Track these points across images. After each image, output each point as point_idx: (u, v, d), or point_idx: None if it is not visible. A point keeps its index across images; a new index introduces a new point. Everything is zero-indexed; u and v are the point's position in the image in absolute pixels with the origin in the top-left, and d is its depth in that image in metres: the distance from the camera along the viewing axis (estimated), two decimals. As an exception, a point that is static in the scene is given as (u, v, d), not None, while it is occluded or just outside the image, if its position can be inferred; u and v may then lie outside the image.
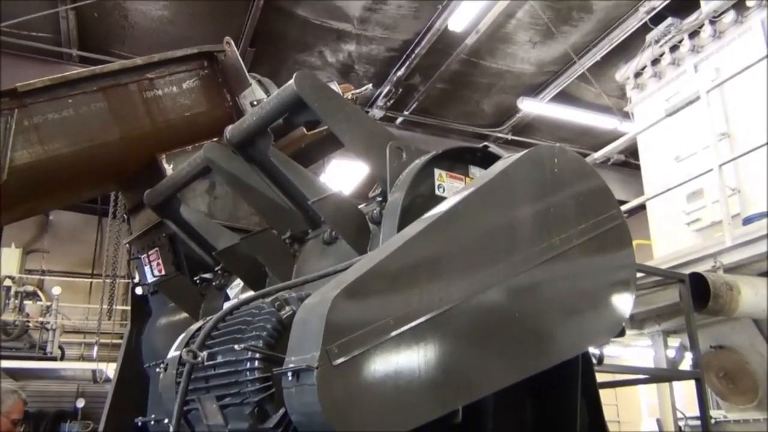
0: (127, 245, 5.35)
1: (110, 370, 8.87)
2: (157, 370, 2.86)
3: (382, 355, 2.16)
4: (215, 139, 4.38)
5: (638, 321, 7.53)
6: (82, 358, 13.48)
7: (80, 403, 11.75)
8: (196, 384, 2.50)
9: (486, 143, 3.30)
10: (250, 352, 2.26)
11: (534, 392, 3.17)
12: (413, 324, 2.27)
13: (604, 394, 3.32)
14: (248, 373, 2.27)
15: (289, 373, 2.06)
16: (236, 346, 2.28)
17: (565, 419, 3.05)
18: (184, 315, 4.27)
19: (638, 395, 13.92)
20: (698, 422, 7.71)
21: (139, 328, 4.92)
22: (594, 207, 3.03)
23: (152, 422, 4.29)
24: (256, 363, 2.25)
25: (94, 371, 10.60)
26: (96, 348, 10.72)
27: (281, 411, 2.19)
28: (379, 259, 2.31)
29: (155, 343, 4.59)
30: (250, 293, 2.68)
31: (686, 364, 7.16)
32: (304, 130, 4.64)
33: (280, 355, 2.24)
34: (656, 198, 7.41)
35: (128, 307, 5.93)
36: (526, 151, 2.91)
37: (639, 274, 3.86)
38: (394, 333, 2.21)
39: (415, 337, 2.28)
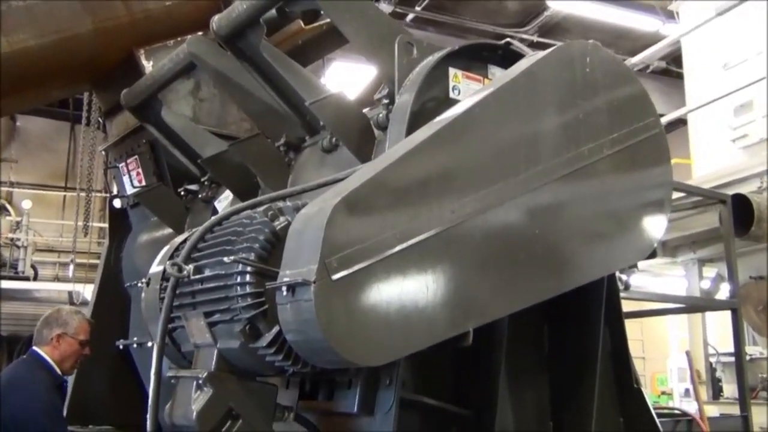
0: (104, 152, 5.36)
1: (87, 291, 9.03)
2: (139, 284, 2.91)
3: (386, 271, 2.19)
4: (200, 33, 4.31)
5: (671, 248, 7.59)
6: (57, 279, 13.72)
7: (56, 327, 11.97)
8: (182, 300, 2.55)
9: (508, 39, 3.23)
10: (240, 265, 2.30)
11: (552, 319, 3.23)
12: (420, 238, 2.28)
13: (629, 328, 3.38)
14: (239, 287, 2.31)
15: (284, 288, 2.10)
16: (225, 259, 2.32)
17: (587, 348, 3.11)
18: (168, 230, 4.31)
19: (666, 331, 14.17)
20: (731, 359, 7.89)
21: (118, 244, 4.98)
22: (629, 114, 3.00)
23: (134, 345, 4.40)
24: (248, 277, 2.29)
25: (70, 293, 10.80)
26: (72, 268, 10.90)
27: (275, 329, 2.24)
28: (384, 167, 2.30)
29: (136, 261, 4.65)
30: (241, 204, 2.69)
31: (722, 297, 7.26)
32: (301, 23, 4.55)
33: (273, 269, 2.27)
34: (699, 110, 7.32)
35: (106, 225, 5.99)
36: (553, 48, 2.86)
37: (675, 194, 3.86)
38: (399, 247, 2.23)
39: (423, 253, 2.30)
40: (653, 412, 3.28)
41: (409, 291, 2.25)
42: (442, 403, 2.71)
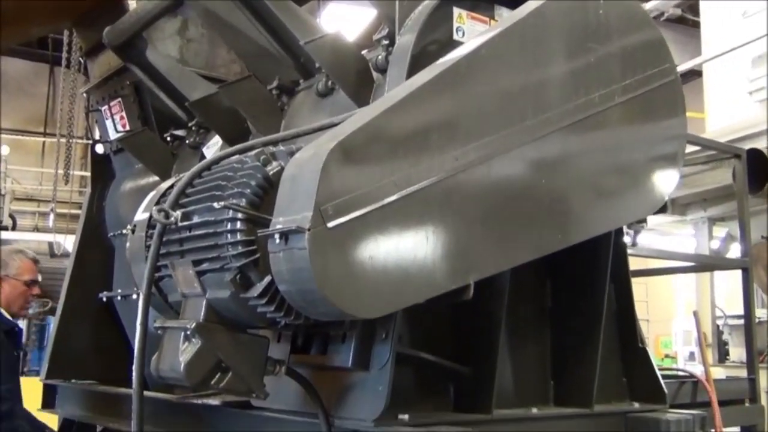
0: (85, 95, 5.30)
1: (69, 242, 9.04)
2: (124, 231, 2.91)
3: (385, 220, 2.19)
4: (189, -33, 4.23)
5: (681, 206, 7.60)
6: (36, 230, 13.73)
7: (36, 280, 12.02)
8: (169, 248, 2.55)
9: (517, -22, 3.18)
10: (231, 211, 2.29)
11: (556, 275, 3.25)
12: (421, 186, 2.28)
13: (634, 289, 3.41)
14: (229, 235, 2.31)
15: (277, 236, 2.09)
16: (215, 204, 2.31)
17: (591, 306, 3.13)
18: (153, 178, 4.30)
19: (671, 293, 14.30)
20: (739, 321, 7.97)
21: (101, 192, 4.96)
22: (643, 59, 2.97)
23: (118, 298, 4.43)
24: (238, 224, 2.28)
25: (50, 243, 10.80)
26: (52, 217, 10.88)
27: (266, 279, 2.24)
28: (383, 110, 2.29)
29: (120, 210, 4.64)
30: (231, 148, 2.67)
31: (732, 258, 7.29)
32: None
33: (265, 216, 2.26)
34: (715, 61, 7.26)
35: (87, 173, 5.96)
36: (565, -13, 2.82)
37: (687, 148, 3.85)
38: (398, 195, 2.22)
39: (423, 201, 2.29)
40: (658, 372, 3.31)
41: (408, 241, 2.25)
42: (440, 359, 2.73)
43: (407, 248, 2.24)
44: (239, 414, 3.05)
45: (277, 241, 2.10)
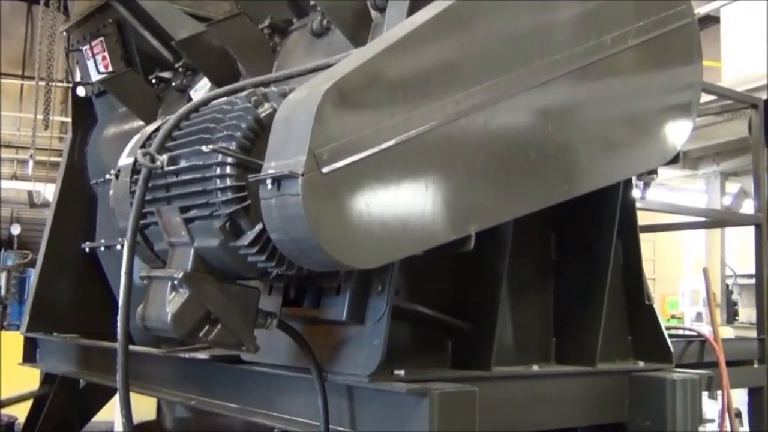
0: (65, 34, 5.24)
1: (49, 191, 9.01)
2: (108, 176, 2.89)
3: (382, 166, 2.18)
4: None
5: (692, 159, 7.60)
6: (15, 178, 13.67)
7: (15, 230, 12.08)
8: (155, 194, 2.53)
9: None
10: (220, 156, 2.27)
11: (561, 228, 3.25)
12: (421, 131, 2.26)
13: (641, 247, 3.41)
14: (218, 180, 2.29)
15: (268, 181, 2.08)
16: (204, 148, 2.29)
17: (597, 261, 3.14)
18: (138, 122, 4.27)
19: (679, 251, 14.36)
20: (749, 281, 8.03)
21: (82, 138, 4.94)
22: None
23: (102, 248, 4.44)
24: (228, 168, 2.27)
25: (30, 192, 10.78)
26: (31, 164, 10.83)
27: (258, 227, 2.24)
28: (382, 50, 2.26)
29: (103, 156, 4.62)
30: (220, 89, 2.64)
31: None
32: None
33: (256, 160, 2.25)
34: (734, 5, 7.18)
35: (68, 119, 5.91)
36: None
37: (702, 98, 3.83)
38: (397, 140, 2.21)
39: (423, 147, 2.28)
40: (664, 330, 3.34)
41: (407, 189, 2.24)
42: (438, 314, 2.74)
43: (406, 196, 2.23)
44: (228, 369, 3.07)
45: (269, 186, 2.09)
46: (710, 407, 6.08)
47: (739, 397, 5.85)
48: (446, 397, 2.33)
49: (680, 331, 4.31)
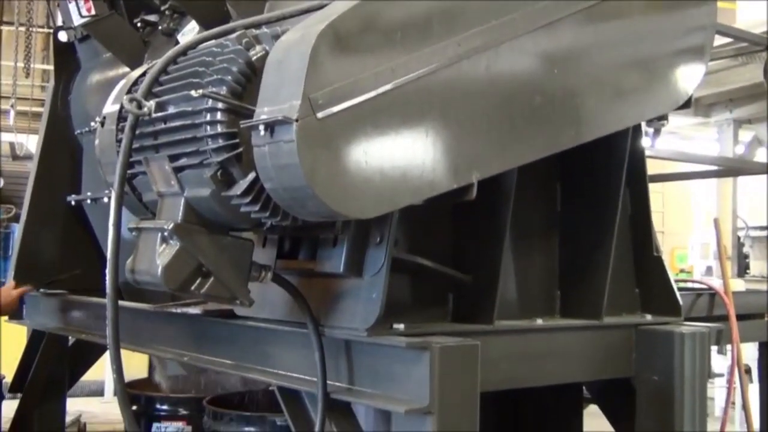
0: (45, -25, 5.18)
1: (32, 142, 8.97)
2: (93, 124, 2.87)
3: (380, 111, 2.17)
4: None
5: (704, 106, 7.55)
6: (-5, 129, 13.60)
7: (-2, 183, 12.02)
8: (143, 142, 2.52)
9: None
10: (210, 101, 2.25)
11: (567, 177, 3.25)
12: (421, 74, 2.25)
13: (650, 198, 3.41)
14: (208, 127, 2.28)
15: (261, 127, 2.07)
16: (193, 93, 2.27)
17: (604, 210, 3.14)
18: (123, 69, 4.23)
19: (689, 203, 14.38)
20: (761, 233, 8.05)
21: (65, 86, 4.90)
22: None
23: (88, 201, 4.43)
24: (219, 114, 2.25)
25: (12, 144, 10.74)
26: (12, 115, 10.76)
27: (250, 175, 2.23)
28: (379, -13, 2.23)
29: (87, 105, 4.60)
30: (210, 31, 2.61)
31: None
32: None
33: (248, 106, 2.23)
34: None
35: (50, 66, 5.86)
36: None
37: (716, 40, 3.79)
38: (395, 84, 2.19)
39: (423, 91, 2.27)
40: (673, 282, 3.35)
41: (406, 135, 2.23)
42: (439, 266, 2.75)
43: (405, 143, 2.22)
44: (222, 324, 3.10)
45: (262, 133, 2.08)
46: (719, 362, 6.16)
47: (749, 353, 5.92)
48: (447, 351, 2.35)
49: (689, 284, 4.32)
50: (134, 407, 3.28)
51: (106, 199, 4.15)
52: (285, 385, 2.75)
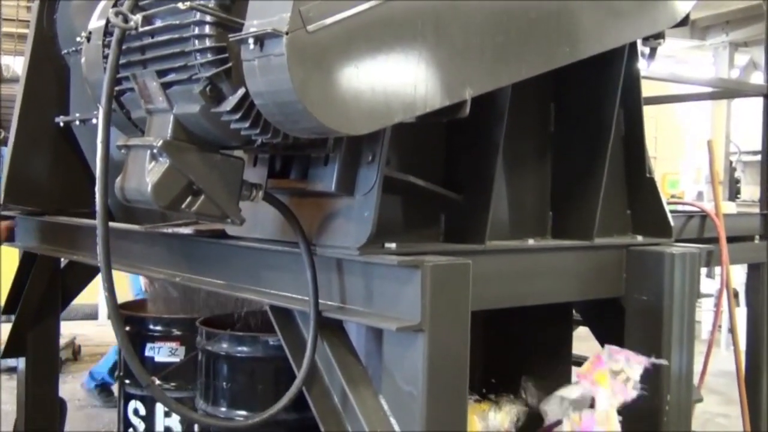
0: None
1: (18, 64, 8.84)
2: (78, 39, 2.81)
3: (373, 24, 2.12)
4: None
5: (700, 29, 7.47)
6: (-19, 53, 13.37)
7: (-16, 107, 11.85)
8: (130, 57, 2.47)
9: None
10: (198, 14, 2.19)
11: (560, 97, 3.22)
12: (414, -13, 2.19)
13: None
14: (196, 40, 2.22)
15: (251, 41, 2.03)
16: (180, 5, 2.21)
17: (597, 130, 3.12)
18: (110, -15, 4.13)
19: (682, 128, 14.36)
20: (753, 158, 8.04)
21: (51, 4, 4.79)
22: None
23: (77, 122, 4.38)
24: (207, 28, 2.19)
25: (-2, 67, 10.58)
26: (-3, 36, 10.56)
27: (240, 91, 2.18)
28: None
29: (74, 23, 4.48)
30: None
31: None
32: None
33: (237, 19, 2.18)
34: None
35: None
36: None
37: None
38: (388, -3, 2.14)
39: (416, 5, 2.22)
40: (665, 204, 3.35)
41: (399, 50, 2.18)
42: (431, 185, 2.74)
43: (398, 58, 2.18)
44: (214, 244, 3.09)
45: (251, 47, 2.04)
46: (707, 286, 6.22)
47: (737, 278, 5.98)
48: (439, 270, 2.35)
49: (681, 206, 4.33)
50: (127, 328, 3.29)
51: (94, 120, 4.10)
52: (277, 304, 2.76)
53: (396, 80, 2.18)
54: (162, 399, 2.80)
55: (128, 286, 7.62)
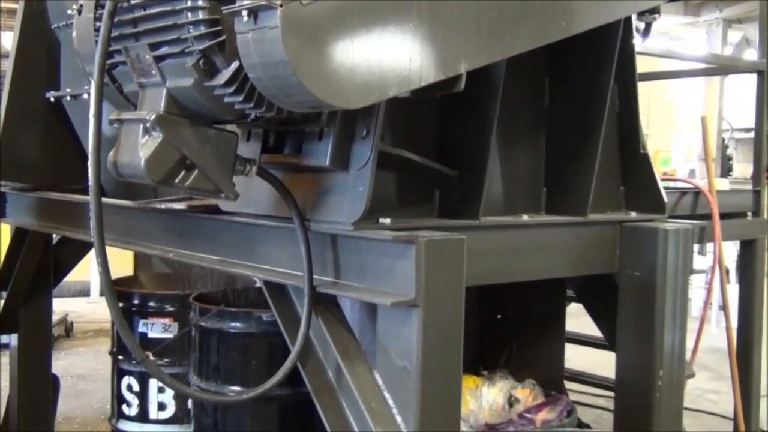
0: None
1: (7, 39, 8.78)
2: (69, 12, 2.78)
3: (367, -3, 2.10)
4: None
5: (694, 6, 7.44)
6: (-30, 28, 13.26)
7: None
8: (122, 29, 2.43)
9: None
10: (190, -14, 2.17)
11: (555, 72, 3.21)
12: (409, -41, 2.17)
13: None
14: (189, 13, 2.18)
15: (244, 13, 2.00)
16: (173, -24, 2.19)
17: (592, 106, 3.11)
18: (100, -42, 4.08)
19: (674, 106, 14.37)
20: (745, 135, 8.06)
21: (41, -22, 4.74)
22: None
23: (68, 98, 4.35)
24: (200, 0, 2.18)
25: (-12, 43, 10.51)
26: (-13, 12, 10.48)
27: (234, 64, 2.16)
28: None
29: (64, -3, 4.45)
30: None
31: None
32: None
33: (231, -9, 2.15)
34: None
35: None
36: None
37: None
38: (383, -31, 2.11)
39: (411, -22, 2.20)
40: (659, 180, 3.35)
41: (394, 22, 2.16)
42: (425, 160, 2.73)
43: (393, 31, 2.16)
44: (207, 220, 3.08)
45: (245, 19, 2.01)
46: (698, 262, 6.24)
47: (728, 255, 5.99)
48: (433, 245, 2.35)
49: (674, 183, 4.33)
50: (120, 304, 3.28)
51: (86, 95, 4.07)
52: (271, 280, 2.75)
53: (391, 54, 2.17)
54: (156, 374, 2.80)
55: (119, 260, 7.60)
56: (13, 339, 4.97)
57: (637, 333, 3.16)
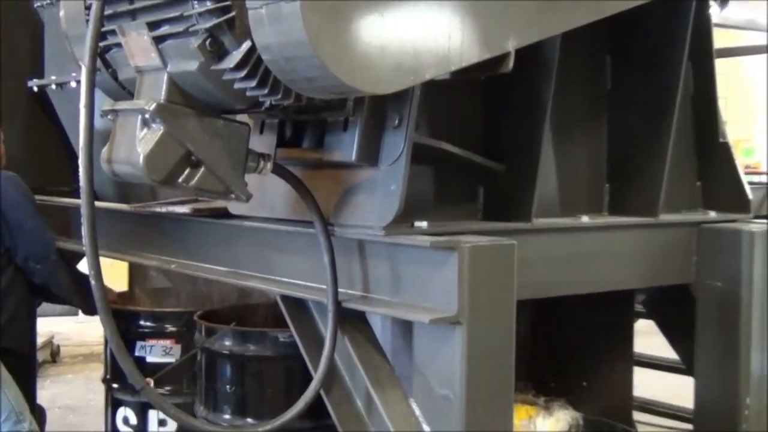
0: None
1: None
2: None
3: (399, -33, 2.11)
4: None
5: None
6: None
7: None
8: (117, 7, 2.47)
9: None
10: (195, -45, 2.20)
11: (619, 49, 3.21)
12: None
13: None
14: (194, -13, 2.23)
15: (257, -16, 2.02)
16: (174, -55, 2.22)
17: (663, 88, 3.11)
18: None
19: (757, 87, 14.26)
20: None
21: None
22: None
23: (53, 87, 4.42)
24: (206, -29, 2.20)
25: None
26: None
27: (245, 44, 2.17)
28: None
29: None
30: None
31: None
32: None
33: (241, -40, 2.17)
34: None
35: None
36: None
37: None
38: (417, -68, 2.12)
39: (450, -58, 2.21)
40: (742, 174, 3.33)
41: (429, -5, 2.17)
42: (468, 153, 2.73)
43: (429, 3, 2.16)
44: (215, 225, 3.11)
45: (259, -7, 2.03)
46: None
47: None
48: (479, 252, 2.35)
49: (758, 178, 4.30)
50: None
51: (73, 84, 4.13)
52: (289, 294, 2.78)
53: (427, 30, 2.17)
54: (158, 404, 2.82)
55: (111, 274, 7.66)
56: (-8, 365, 5.01)
57: (719, 354, 3.14)
